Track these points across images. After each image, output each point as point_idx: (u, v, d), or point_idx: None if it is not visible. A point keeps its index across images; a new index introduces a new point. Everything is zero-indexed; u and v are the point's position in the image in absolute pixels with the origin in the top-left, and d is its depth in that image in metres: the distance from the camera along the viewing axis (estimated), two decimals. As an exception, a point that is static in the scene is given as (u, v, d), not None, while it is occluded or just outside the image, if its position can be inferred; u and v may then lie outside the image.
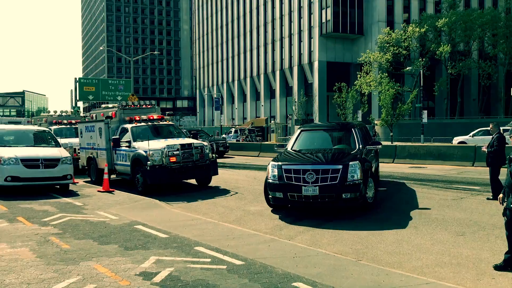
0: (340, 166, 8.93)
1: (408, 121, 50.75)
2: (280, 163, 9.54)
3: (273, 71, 75.48)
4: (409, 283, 5.14)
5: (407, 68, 48.96)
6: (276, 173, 9.36)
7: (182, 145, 13.33)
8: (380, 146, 10.87)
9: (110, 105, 16.96)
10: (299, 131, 11.54)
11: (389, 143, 37.49)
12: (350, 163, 8.99)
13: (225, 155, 29.75)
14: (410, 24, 53.66)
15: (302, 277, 5.30)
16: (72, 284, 5.08)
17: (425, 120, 42.32)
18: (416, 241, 7.18)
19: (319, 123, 13.88)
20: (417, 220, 8.73)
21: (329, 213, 9.60)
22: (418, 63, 47.53)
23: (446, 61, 53.93)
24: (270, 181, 9.49)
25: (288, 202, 9.34)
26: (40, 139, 14.46)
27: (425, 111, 43.48)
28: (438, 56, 51.75)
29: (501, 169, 10.50)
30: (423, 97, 47.02)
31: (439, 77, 56.66)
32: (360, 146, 10.22)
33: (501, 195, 6.02)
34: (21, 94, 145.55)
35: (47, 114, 25.02)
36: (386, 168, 19.43)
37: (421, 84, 45.32)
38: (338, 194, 8.83)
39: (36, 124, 22.82)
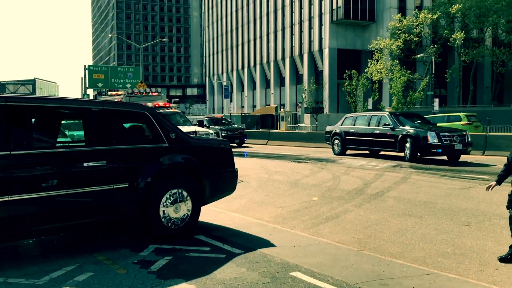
0: None
1: (419, 109, 50.17)
2: None
3: (283, 59, 75.04)
4: (410, 273, 5.04)
5: (419, 55, 48.33)
6: None
7: (188, 133, 13.34)
8: None
9: (115, 93, 16.99)
10: None
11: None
12: None
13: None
14: (422, 11, 52.85)
15: (300, 267, 5.22)
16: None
17: (436, 108, 41.77)
18: (421, 231, 7.06)
19: None
20: (422, 209, 8.60)
21: (329, 202, 9.48)
22: (430, 50, 46.90)
23: (459, 48, 53.09)
24: None
25: None
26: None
27: (437, 99, 42.92)
28: (451, 43, 50.97)
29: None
30: (434, 85, 46.47)
31: (451, 65, 55.88)
32: None
33: (493, 183, 5.60)
34: (32, 82, 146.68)
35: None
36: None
37: (433, 72, 44.74)
38: None
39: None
